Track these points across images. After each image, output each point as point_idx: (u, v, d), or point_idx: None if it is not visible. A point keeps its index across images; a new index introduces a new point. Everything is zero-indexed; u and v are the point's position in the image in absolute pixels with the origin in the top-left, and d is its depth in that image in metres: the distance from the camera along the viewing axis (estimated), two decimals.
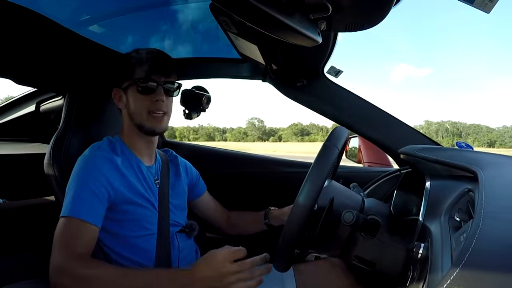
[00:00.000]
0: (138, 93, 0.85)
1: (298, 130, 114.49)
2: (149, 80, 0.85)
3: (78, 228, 0.74)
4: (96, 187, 0.77)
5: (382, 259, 0.68)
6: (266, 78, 1.32)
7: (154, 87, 0.86)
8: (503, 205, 0.45)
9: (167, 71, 0.88)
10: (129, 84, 0.86)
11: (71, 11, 0.95)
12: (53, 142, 0.94)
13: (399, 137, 1.16)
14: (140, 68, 0.86)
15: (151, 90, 0.85)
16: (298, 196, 0.61)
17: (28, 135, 1.62)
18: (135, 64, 0.86)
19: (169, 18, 1.17)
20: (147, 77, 0.85)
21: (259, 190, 1.38)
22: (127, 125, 0.90)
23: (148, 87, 0.85)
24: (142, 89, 0.85)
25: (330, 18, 0.55)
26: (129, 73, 0.86)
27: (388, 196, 1.13)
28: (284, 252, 0.63)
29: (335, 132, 0.70)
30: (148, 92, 0.85)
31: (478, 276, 0.31)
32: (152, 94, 0.86)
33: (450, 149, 0.83)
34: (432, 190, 0.68)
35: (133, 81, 0.85)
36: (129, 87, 0.87)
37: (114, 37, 1.16)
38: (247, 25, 0.53)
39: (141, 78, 0.85)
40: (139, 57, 0.87)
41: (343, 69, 1.17)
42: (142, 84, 0.85)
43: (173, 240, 0.91)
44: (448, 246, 0.48)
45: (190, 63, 1.35)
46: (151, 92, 0.86)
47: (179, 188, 0.99)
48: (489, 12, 0.57)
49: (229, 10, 0.50)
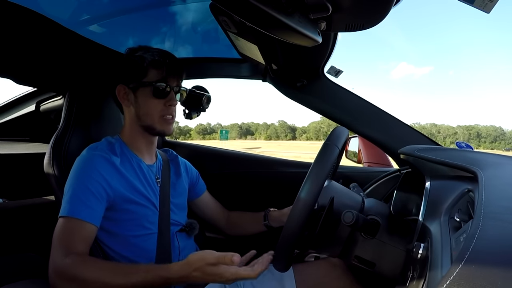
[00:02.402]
0: (152, 95, 0.85)
1: (200, 130, 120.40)
2: (166, 83, 0.86)
3: (77, 227, 0.74)
4: (93, 187, 0.77)
5: (382, 259, 0.68)
6: (266, 78, 1.32)
7: (169, 90, 0.86)
8: (503, 205, 0.45)
9: (180, 75, 0.90)
10: (139, 84, 0.85)
11: (71, 11, 0.95)
12: (53, 141, 0.94)
13: (399, 137, 1.16)
14: (156, 70, 0.85)
15: (166, 93, 0.86)
16: (299, 192, 0.61)
17: (28, 135, 1.62)
18: (150, 66, 0.85)
19: (169, 18, 1.17)
20: (163, 81, 0.85)
21: (259, 190, 1.38)
22: (131, 124, 0.90)
23: (164, 90, 0.86)
24: (158, 92, 0.85)
25: (330, 18, 0.55)
26: (141, 74, 0.85)
27: (388, 196, 1.13)
28: (284, 251, 0.63)
29: (335, 132, 0.70)
30: (162, 96, 0.86)
31: (478, 276, 0.31)
32: (166, 98, 0.86)
33: (450, 149, 0.83)
34: (432, 190, 0.68)
35: (147, 83, 0.85)
36: (139, 88, 0.86)
37: (114, 37, 1.16)
38: (247, 25, 0.53)
39: (156, 81, 0.85)
40: (154, 59, 0.86)
41: (343, 68, 1.17)
42: (158, 87, 0.85)
43: (173, 239, 0.91)
44: (448, 246, 0.48)
45: (190, 63, 1.35)
46: (165, 95, 0.86)
47: (180, 187, 0.99)
48: (489, 12, 0.57)
49: (229, 10, 0.50)
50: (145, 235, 0.85)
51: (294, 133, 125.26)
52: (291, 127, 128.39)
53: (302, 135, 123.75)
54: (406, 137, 1.16)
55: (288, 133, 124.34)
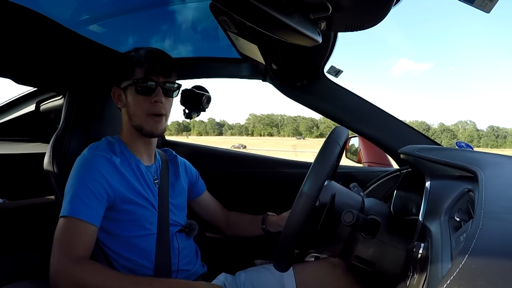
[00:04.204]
0: (137, 93, 0.85)
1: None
2: (148, 80, 0.84)
3: (77, 228, 0.74)
4: (94, 187, 0.77)
5: (382, 259, 0.68)
6: (266, 78, 1.32)
7: (153, 87, 0.84)
8: (503, 205, 0.45)
9: (167, 71, 0.87)
10: (128, 84, 0.85)
11: (71, 11, 0.95)
12: (53, 141, 0.94)
13: (399, 137, 1.16)
14: (139, 68, 0.85)
15: (150, 90, 0.84)
16: (302, 187, 0.61)
17: (28, 135, 1.62)
18: (135, 64, 0.85)
19: (169, 17, 1.17)
20: (146, 77, 0.84)
21: (258, 190, 1.38)
22: (126, 125, 0.90)
23: (147, 87, 0.84)
24: (141, 89, 0.84)
25: (330, 18, 0.55)
26: (128, 73, 0.85)
27: (388, 196, 1.13)
28: (285, 249, 0.63)
29: (335, 131, 0.70)
30: (147, 93, 0.84)
31: (478, 275, 0.31)
32: (151, 95, 0.85)
33: (450, 149, 0.83)
34: (432, 190, 0.68)
35: (132, 81, 0.84)
36: (128, 87, 0.86)
37: (114, 37, 1.16)
38: (247, 25, 0.53)
39: (140, 78, 0.84)
40: (138, 56, 0.86)
41: (344, 66, 1.17)
42: (141, 84, 0.84)
43: (173, 240, 0.91)
44: (448, 246, 0.48)
45: (189, 63, 1.35)
46: (150, 92, 0.85)
47: (179, 187, 0.99)
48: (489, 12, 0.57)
49: (229, 10, 0.50)
50: (144, 236, 0.85)
51: (221, 129, 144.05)
52: (219, 124, 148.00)
53: (228, 131, 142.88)
54: (406, 136, 1.16)
55: (215, 129, 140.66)
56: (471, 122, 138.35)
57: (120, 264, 0.84)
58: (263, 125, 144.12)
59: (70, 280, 0.68)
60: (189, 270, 0.94)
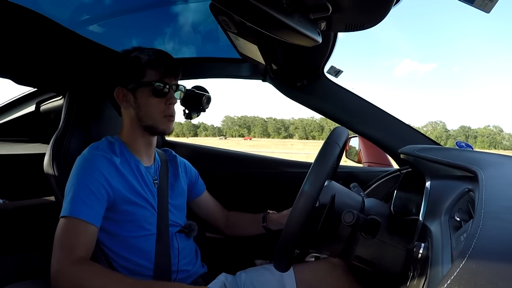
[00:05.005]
0: (152, 95, 0.86)
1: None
2: (165, 83, 0.86)
3: (78, 228, 0.74)
4: (95, 187, 0.77)
5: (382, 259, 0.68)
6: (266, 78, 1.32)
7: (168, 89, 0.87)
8: (503, 205, 0.45)
9: (177, 73, 0.90)
10: (138, 85, 0.86)
11: (71, 11, 0.95)
12: (53, 142, 0.94)
13: (399, 137, 1.16)
14: (153, 70, 0.86)
15: (165, 93, 0.87)
16: (302, 186, 0.61)
17: (28, 135, 1.62)
18: (147, 65, 0.86)
19: (169, 18, 1.17)
20: (162, 80, 0.86)
21: (258, 190, 1.38)
22: (130, 125, 0.90)
23: (164, 89, 0.86)
24: (157, 92, 0.86)
25: (330, 18, 0.55)
26: (138, 75, 0.86)
27: (388, 196, 1.13)
28: (285, 249, 0.63)
29: (335, 131, 0.70)
30: (162, 95, 0.87)
31: (478, 275, 0.31)
32: (166, 97, 0.87)
33: (450, 149, 0.83)
34: (432, 190, 0.68)
35: (146, 83, 0.85)
36: (138, 89, 0.86)
37: (114, 37, 1.16)
38: (247, 25, 0.53)
39: (155, 80, 0.85)
40: (150, 59, 0.86)
41: (346, 66, 1.17)
42: (158, 87, 0.85)
43: (173, 240, 0.91)
44: (449, 246, 0.48)
45: (189, 63, 1.35)
46: (165, 95, 0.87)
47: (178, 188, 0.99)
48: (489, 12, 0.57)
49: (229, 10, 0.50)
50: (144, 236, 0.85)
51: (196, 131, 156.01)
52: (195, 125, 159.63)
53: (203, 132, 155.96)
54: (406, 136, 1.16)
55: (191, 130, 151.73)
56: (441, 122, 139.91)
57: (120, 265, 0.84)
58: (238, 126, 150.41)
59: (70, 281, 0.68)
60: (189, 270, 0.94)
